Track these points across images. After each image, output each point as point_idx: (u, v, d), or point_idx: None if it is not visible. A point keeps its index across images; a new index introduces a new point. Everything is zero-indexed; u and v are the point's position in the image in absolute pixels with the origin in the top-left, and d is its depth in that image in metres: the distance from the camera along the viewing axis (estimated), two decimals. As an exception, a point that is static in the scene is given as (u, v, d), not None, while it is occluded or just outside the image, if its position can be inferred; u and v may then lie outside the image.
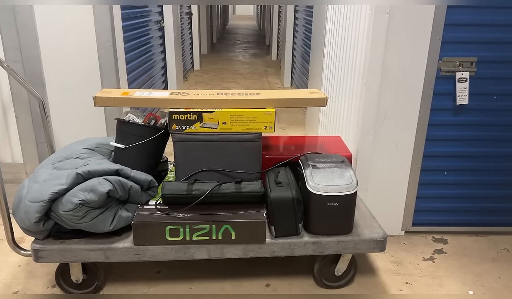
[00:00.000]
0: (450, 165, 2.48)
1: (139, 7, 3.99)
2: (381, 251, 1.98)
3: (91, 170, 1.83)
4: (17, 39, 2.48)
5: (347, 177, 1.91)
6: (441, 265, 2.34)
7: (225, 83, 7.16)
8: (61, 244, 1.86)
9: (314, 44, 3.88)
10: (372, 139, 2.37)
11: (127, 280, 2.15)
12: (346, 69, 2.69)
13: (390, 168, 2.45)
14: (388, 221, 2.57)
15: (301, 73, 6.02)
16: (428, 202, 2.55)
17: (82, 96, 2.67)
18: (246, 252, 1.93)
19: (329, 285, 2.11)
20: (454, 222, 2.62)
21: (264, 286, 2.13)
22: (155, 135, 2.05)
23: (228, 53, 11.10)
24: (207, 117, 2.05)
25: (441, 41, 2.22)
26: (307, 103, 2.15)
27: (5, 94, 2.61)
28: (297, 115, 5.28)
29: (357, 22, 2.46)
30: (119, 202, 1.93)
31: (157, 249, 1.88)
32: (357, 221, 2.07)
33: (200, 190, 1.94)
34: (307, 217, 1.95)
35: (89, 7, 2.51)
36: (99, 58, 2.62)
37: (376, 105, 2.31)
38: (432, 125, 2.38)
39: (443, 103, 2.35)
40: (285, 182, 1.99)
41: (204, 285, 2.13)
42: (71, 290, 2.03)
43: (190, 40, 8.13)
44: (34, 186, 1.85)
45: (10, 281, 2.13)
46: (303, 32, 5.85)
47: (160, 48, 5.13)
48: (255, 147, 2.09)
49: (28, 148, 2.71)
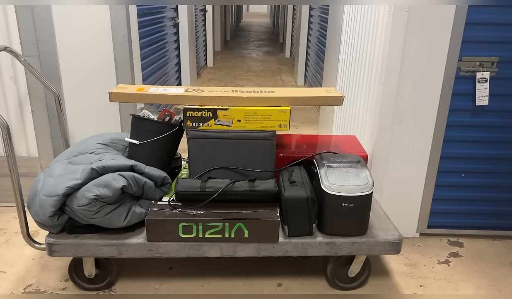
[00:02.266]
0: (468, 166, 2.43)
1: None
2: (396, 253, 1.95)
3: (106, 165, 1.84)
4: (34, 34, 2.50)
5: (363, 177, 1.88)
6: (456, 269, 2.29)
7: (238, 80, 7.15)
8: (75, 238, 1.86)
9: (330, 42, 3.84)
10: (389, 139, 2.34)
11: (139, 276, 2.15)
12: (362, 67, 2.66)
13: (406, 168, 2.41)
14: (402, 222, 2.54)
15: (315, 71, 5.98)
16: (444, 204, 2.51)
17: (97, 91, 2.68)
18: (258, 251, 1.91)
19: (342, 286, 2.08)
20: (470, 225, 2.56)
21: (276, 286, 2.11)
22: (169, 132, 2.05)
23: (241, 50, 11.08)
24: (221, 114, 2.03)
25: (461, 40, 2.17)
26: (323, 102, 2.13)
27: (21, 89, 2.63)
28: (310, 114, 5.24)
29: (375, 19, 2.42)
30: (133, 198, 1.93)
31: (170, 246, 1.88)
32: (372, 222, 2.04)
33: (213, 188, 1.92)
34: (321, 217, 1.92)
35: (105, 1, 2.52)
36: (114, 54, 2.62)
37: (394, 105, 2.27)
38: (450, 126, 2.33)
39: (462, 103, 2.30)
40: (299, 181, 1.97)
41: (216, 283, 2.12)
42: (84, 284, 2.04)
43: (204, 37, 8.13)
44: (49, 180, 1.85)
45: (24, 274, 2.15)
46: (317, 29, 5.80)
47: (174, 44, 5.13)
48: (269, 145, 2.08)
49: (43, 142, 2.74)
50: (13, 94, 2.64)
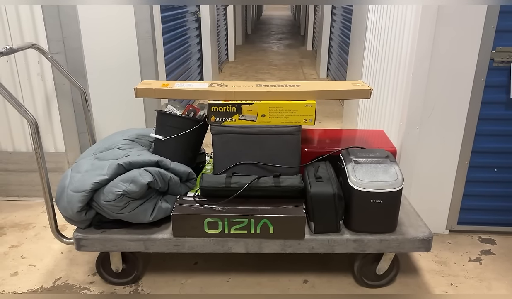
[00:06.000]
0: (501, 161, 2.33)
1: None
2: (426, 251, 1.89)
3: (132, 161, 1.84)
4: (60, 31, 2.53)
5: (392, 173, 1.82)
6: (488, 267, 2.22)
7: (259, 74, 7.12)
8: (102, 233, 1.88)
9: (354, 33, 3.76)
10: (418, 133, 2.27)
11: (165, 271, 2.16)
12: (390, 59, 2.58)
13: (436, 163, 2.33)
14: (432, 218, 2.46)
15: (338, 64, 5.88)
16: (475, 200, 2.42)
17: (122, 87, 2.70)
18: (284, 247, 1.89)
19: (370, 284, 2.04)
20: (502, 222, 2.47)
21: (302, 282, 2.09)
22: (194, 127, 2.04)
23: (262, 44, 11.03)
24: (246, 109, 2.01)
25: (495, 29, 2.08)
26: (350, 95, 2.07)
27: (48, 85, 2.67)
28: (333, 107, 5.17)
29: (404, 10, 2.35)
30: (159, 193, 1.93)
31: (195, 241, 1.88)
32: (401, 219, 1.98)
33: (238, 183, 1.91)
34: (348, 213, 1.88)
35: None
36: (138, 49, 2.63)
37: (423, 97, 2.20)
38: (482, 119, 2.24)
39: (495, 96, 2.20)
40: (326, 176, 1.93)
41: (241, 278, 2.11)
42: (111, 278, 2.06)
43: (225, 31, 8.12)
44: (77, 176, 1.87)
45: (53, 268, 2.19)
46: (340, 21, 5.70)
47: (196, 39, 5.13)
48: (294, 140, 2.04)
49: (70, 138, 2.78)
50: (40, 91, 2.69)
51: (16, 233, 2.50)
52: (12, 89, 2.67)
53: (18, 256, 2.29)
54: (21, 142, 2.80)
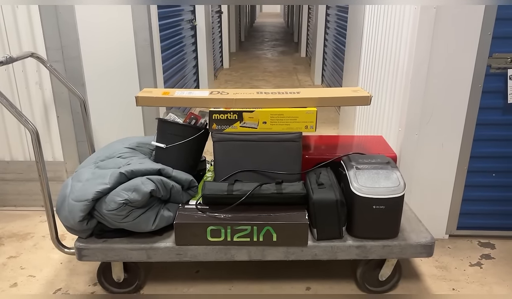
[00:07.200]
0: (499, 166, 2.36)
1: (173, 6, 4.01)
2: (428, 256, 1.90)
3: (134, 170, 1.84)
4: (59, 40, 2.52)
5: (394, 178, 1.84)
6: (489, 271, 2.23)
7: (254, 81, 7.14)
8: (103, 243, 1.87)
9: (350, 39, 3.79)
10: (417, 139, 2.28)
11: (167, 279, 2.15)
12: (388, 65, 2.61)
13: (435, 168, 2.35)
14: (431, 223, 2.48)
15: (333, 70, 5.92)
16: (474, 204, 2.44)
17: (121, 95, 2.69)
18: (287, 254, 1.89)
19: (372, 290, 2.04)
20: (501, 226, 2.49)
21: (304, 289, 2.08)
22: (195, 135, 2.04)
23: (256, 51, 11.07)
24: (247, 116, 2.02)
25: (491, 36, 2.11)
26: (350, 102, 2.09)
27: (47, 94, 2.65)
28: (329, 114, 5.19)
29: (401, 16, 2.37)
30: (161, 202, 1.92)
31: (198, 249, 1.87)
32: (402, 224, 1.99)
33: (240, 191, 1.91)
34: (351, 220, 1.89)
35: (127, 6, 2.52)
36: (137, 57, 2.63)
37: (422, 103, 2.22)
38: (480, 124, 2.27)
39: (492, 101, 2.23)
40: (327, 183, 1.94)
41: (243, 286, 2.10)
42: (112, 288, 2.04)
43: (220, 39, 8.14)
44: (78, 185, 1.86)
45: (53, 278, 2.17)
46: (335, 28, 5.75)
47: (192, 47, 5.14)
48: (295, 147, 2.05)
49: (68, 147, 2.76)
50: (38, 100, 2.67)
51: (14, 243, 2.48)
52: (10, 98, 2.66)
53: (17, 266, 2.27)
54: (19, 152, 2.78)
